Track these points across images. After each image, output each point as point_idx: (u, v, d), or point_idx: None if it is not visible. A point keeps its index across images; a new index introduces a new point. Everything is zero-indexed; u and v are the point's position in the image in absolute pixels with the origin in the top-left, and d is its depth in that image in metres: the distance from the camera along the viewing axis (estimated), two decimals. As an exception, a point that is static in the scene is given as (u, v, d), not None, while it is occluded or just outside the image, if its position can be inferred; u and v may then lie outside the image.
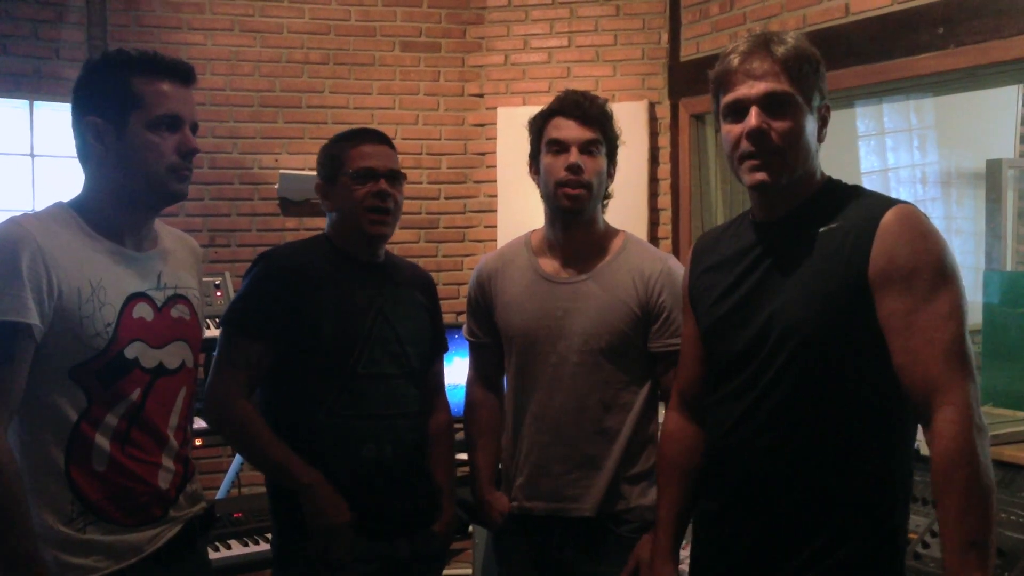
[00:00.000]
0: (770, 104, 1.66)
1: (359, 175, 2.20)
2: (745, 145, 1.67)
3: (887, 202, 1.64)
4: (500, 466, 2.38)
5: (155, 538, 1.80)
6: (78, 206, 1.80)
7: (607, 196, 2.27)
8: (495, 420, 2.36)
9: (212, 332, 3.33)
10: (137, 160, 1.77)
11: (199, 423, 3.25)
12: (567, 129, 2.18)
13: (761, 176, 1.68)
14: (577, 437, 2.18)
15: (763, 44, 1.67)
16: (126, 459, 1.76)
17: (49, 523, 1.68)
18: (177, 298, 1.89)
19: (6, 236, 1.66)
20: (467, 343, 2.43)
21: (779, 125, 1.65)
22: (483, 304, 2.34)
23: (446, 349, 2.45)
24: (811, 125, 1.69)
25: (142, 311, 1.80)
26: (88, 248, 1.74)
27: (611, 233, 2.29)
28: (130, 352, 1.75)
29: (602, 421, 2.18)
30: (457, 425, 2.45)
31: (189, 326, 1.92)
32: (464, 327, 2.40)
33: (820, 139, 1.71)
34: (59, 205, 1.81)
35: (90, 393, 1.71)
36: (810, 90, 1.67)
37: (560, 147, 2.17)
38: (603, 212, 2.29)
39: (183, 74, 1.82)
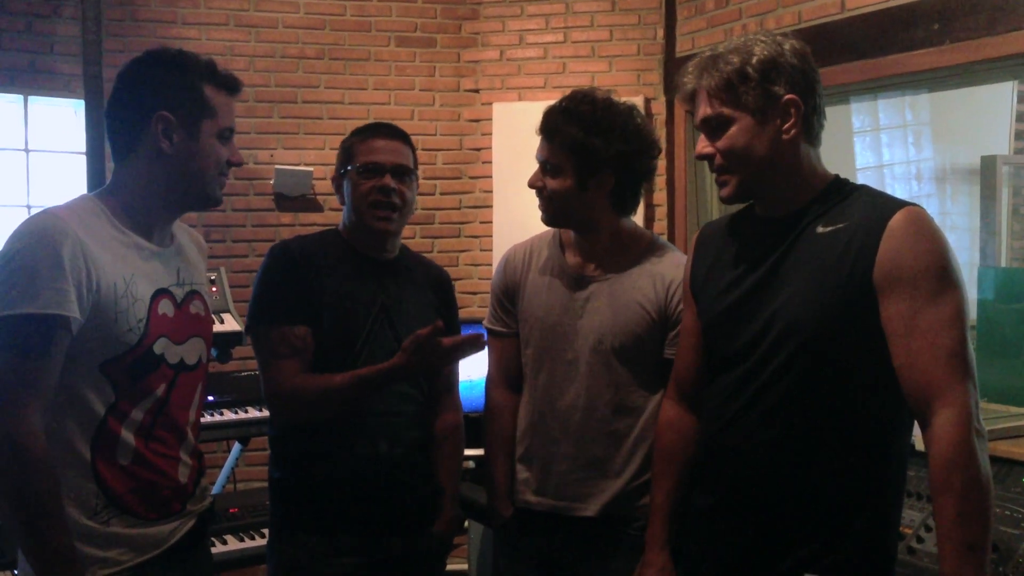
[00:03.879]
0: (708, 127, 1.74)
1: (364, 169, 2.19)
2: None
3: (895, 204, 1.64)
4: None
5: (174, 532, 1.82)
6: (107, 199, 1.80)
7: (628, 196, 2.21)
8: (515, 427, 2.29)
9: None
10: (200, 164, 1.81)
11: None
12: (538, 148, 2.19)
13: (722, 193, 1.78)
14: (585, 437, 2.16)
15: (699, 74, 1.73)
16: (150, 453, 1.77)
17: (74, 516, 1.68)
18: (194, 294, 1.91)
19: (47, 228, 1.65)
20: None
21: (719, 145, 1.73)
22: (510, 292, 2.30)
23: None
24: (759, 131, 1.69)
25: (165, 307, 1.81)
26: (118, 243, 1.75)
27: (638, 235, 2.26)
28: (157, 348, 1.77)
29: (611, 423, 2.16)
30: (471, 414, 2.43)
31: (204, 322, 1.94)
32: (487, 317, 2.36)
33: (788, 134, 1.69)
34: (86, 198, 1.81)
35: (118, 387, 1.72)
36: (754, 100, 1.68)
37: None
38: (629, 214, 2.25)
39: (239, 88, 1.88)
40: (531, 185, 2.19)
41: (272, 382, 2.13)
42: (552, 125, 2.14)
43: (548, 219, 2.22)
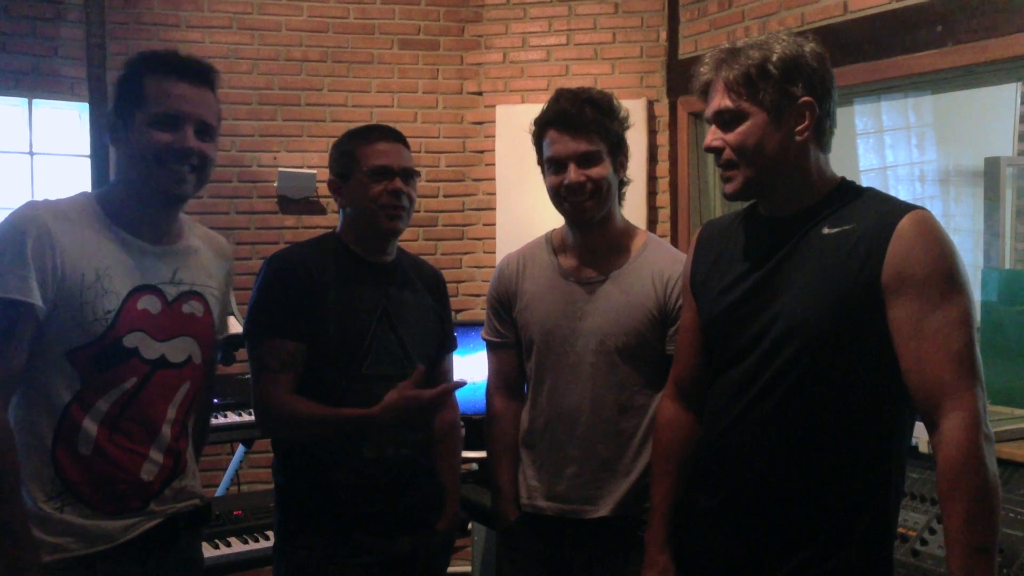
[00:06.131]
0: (721, 120, 1.72)
1: (375, 173, 2.19)
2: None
3: (903, 207, 1.64)
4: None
5: (130, 528, 1.81)
6: (101, 196, 1.85)
7: (623, 185, 2.25)
8: (517, 432, 2.30)
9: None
10: (138, 156, 1.80)
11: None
12: (561, 144, 2.15)
13: (727, 188, 1.75)
14: (592, 438, 2.17)
15: (717, 65, 1.72)
16: (112, 446, 1.77)
17: (32, 499, 1.72)
18: (191, 294, 1.90)
19: (16, 217, 1.72)
20: (471, 342, 2.41)
21: (730, 138, 1.71)
22: (505, 301, 2.31)
23: (455, 347, 2.45)
24: (773, 129, 1.68)
25: (149, 303, 1.81)
26: (101, 236, 1.78)
27: (632, 232, 2.27)
28: (129, 341, 1.77)
29: (617, 423, 2.16)
30: (474, 416, 2.44)
31: (200, 323, 1.92)
32: (484, 328, 2.37)
33: (801, 136, 1.68)
34: (84, 194, 1.86)
35: (85, 377, 1.74)
36: (771, 97, 1.67)
37: (558, 165, 2.15)
38: (620, 208, 2.26)
39: (196, 73, 1.83)
40: (574, 182, 2.13)
41: (260, 393, 2.16)
42: (583, 116, 2.13)
43: (589, 215, 2.16)
